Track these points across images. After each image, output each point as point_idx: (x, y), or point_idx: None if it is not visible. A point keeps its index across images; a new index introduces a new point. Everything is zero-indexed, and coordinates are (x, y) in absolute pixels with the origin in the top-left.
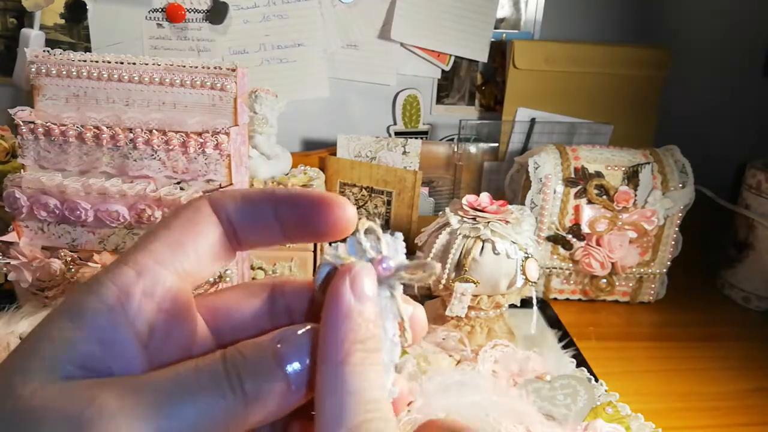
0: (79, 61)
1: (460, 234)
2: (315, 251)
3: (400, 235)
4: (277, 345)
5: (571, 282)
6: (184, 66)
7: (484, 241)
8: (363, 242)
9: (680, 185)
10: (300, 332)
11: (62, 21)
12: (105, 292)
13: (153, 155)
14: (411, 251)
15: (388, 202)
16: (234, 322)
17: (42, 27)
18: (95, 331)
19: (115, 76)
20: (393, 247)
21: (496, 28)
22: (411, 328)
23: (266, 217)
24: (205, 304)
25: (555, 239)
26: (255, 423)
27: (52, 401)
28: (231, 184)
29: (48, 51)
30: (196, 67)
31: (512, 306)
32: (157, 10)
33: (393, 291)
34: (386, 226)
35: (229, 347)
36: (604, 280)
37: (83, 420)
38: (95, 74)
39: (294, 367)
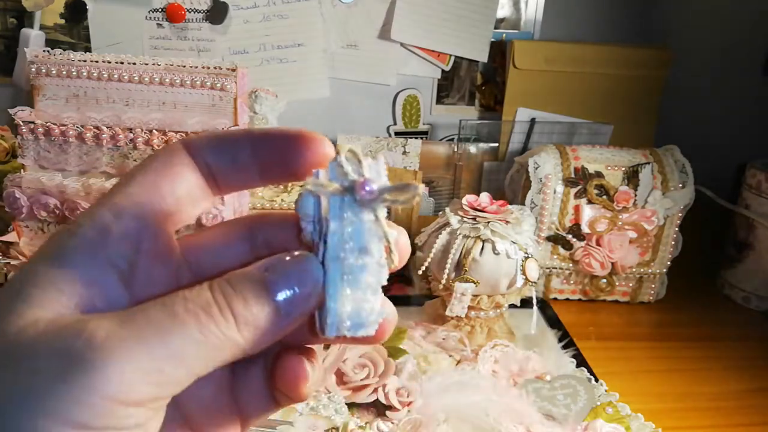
0: (79, 61)
1: (460, 234)
2: None
3: (382, 158)
4: (264, 272)
5: (571, 282)
6: (184, 66)
7: (484, 241)
8: (345, 165)
9: (680, 185)
10: (288, 258)
11: (62, 21)
12: (84, 232)
13: None
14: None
15: None
16: (216, 260)
17: (42, 27)
18: (77, 271)
19: (115, 76)
20: (375, 170)
21: (496, 28)
22: (396, 251)
23: (243, 158)
24: (186, 245)
25: (555, 239)
26: (249, 349)
27: (41, 337)
28: None
29: (48, 51)
30: (196, 67)
31: (512, 306)
32: (157, 10)
33: (377, 214)
34: None
35: (216, 278)
36: (604, 280)
37: (73, 352)
38: (95, 74)
39: (284, 294)
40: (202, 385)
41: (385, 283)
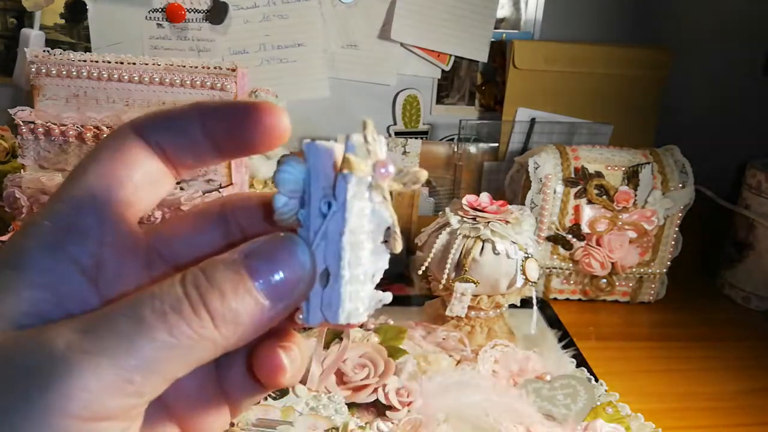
0: (79, 61)
1: (460, 234)
2: None
3: (383, 139)
4: (244, 258)
5: (571, 282)
6: (184, 66)
7: (484, 241)
8: (371, 143)
9: (680, 185)
10: (270, 241)
11: (62, 21)
12: (41, 231)
13: None
14: (411, 251)
15: None
16: (189, 249)
17: (42, 27)
18: (39, 275)
19: (115, 76)
20: (383, 150)
21: (496, 28)
22: (399, 237)
23: (194, 133)
24: (154, 235)
25: (555, 239)
26: (230, 345)
27: (2, 353)
28: (231, 184)
29: (48, 51)
30: (196, 67)
31: (512, 306)
32: (157, 10)
33: (385, 195)
34: None
35: (189, 268)
36: (604, 280)
37: (33, 368)
38: (95, 74)
39: (267, 282)
40: (184, 381)
41: (385, 267)
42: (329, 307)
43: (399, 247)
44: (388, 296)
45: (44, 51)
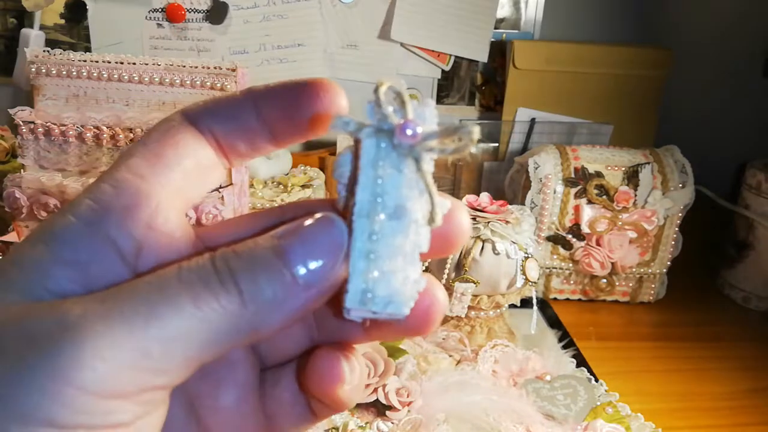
0: (79, 61)
1: None
2: None
3: (431, 102)
4: (278, 239)
5: (571, 282)
6: (184, 66)
7: (484, 241)
8: (383, 104)
9: (680, 185)
10: (306, 222)
11: (62, 21)
12: (80, 208)
13: None
14: None
15: None
16: (230, 240)
17: (42, 27)
18: (71, 252)
19: (115, 76)
20: (421, 114)
21: (496, 28)
22: (449, 234)
23: (247, 119)
24: (205, 232)
25: (555, 239)
26: (264, 331)
27: (12, 319)
28: (231, 184)
29: (48, 51)
30: (196, 67)
31: (512, 306)
32: (157, 10)
33: (420, 165)
34: None
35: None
36: (604, 280)
37: (40, 332)
38: (95, 74)
39: (301, 262)
40: (221, 388)
41: (425, 249)
42: (361, 291)
43: (438, 222)
44: (423, 281)
45: (44, 51)
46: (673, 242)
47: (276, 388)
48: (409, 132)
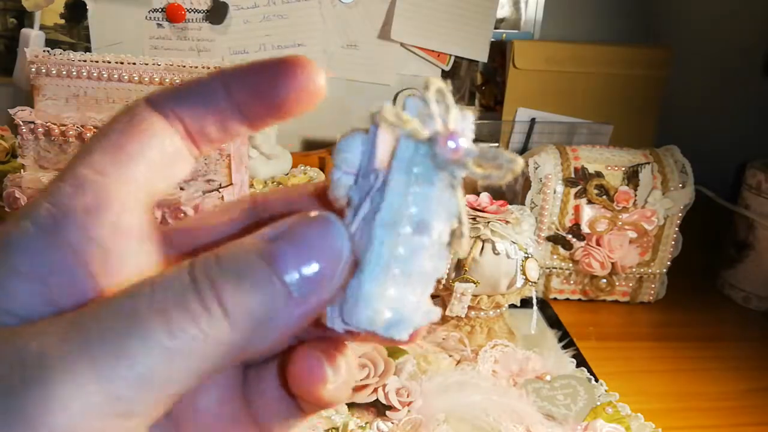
0: (79, 61)
1: None
2: None
3: (470, 116)
4: (269, 242)
5: (571, 282)
6: (184, 66)
7: (484, 241)
8: (432, 105)
9: (680, 185)
10: (302, 221)
11: (62, 21)
12: (37, 213)
13: None
14: None
15: None
16: (214, 241)
17: (42, 27)
18: (28, 264)
19: (115, 76)
20: (462, 126)
21: (496, 28)
22: (466, 238)
23: (216, 100)
24: (175, 230)
25: (555, 239)
26: (250, 351)
27: None
28: (231, 184)
29: (48, 51)
30: (196, 67)
31: (512, 306)
32: (157, 10)
33: (454, 180)
34: None
35: (200, 254)
36: (604, 280)
37: None
38: (95, 74)
39: (297, 271)
40: (199, 391)
41: (443, 275)
42: (373, 309)
43: (465, 249)
44: (436, 311)
45: (44, 51)
46: (673, 242)
47: (259, 382)
48: (452, 145)
